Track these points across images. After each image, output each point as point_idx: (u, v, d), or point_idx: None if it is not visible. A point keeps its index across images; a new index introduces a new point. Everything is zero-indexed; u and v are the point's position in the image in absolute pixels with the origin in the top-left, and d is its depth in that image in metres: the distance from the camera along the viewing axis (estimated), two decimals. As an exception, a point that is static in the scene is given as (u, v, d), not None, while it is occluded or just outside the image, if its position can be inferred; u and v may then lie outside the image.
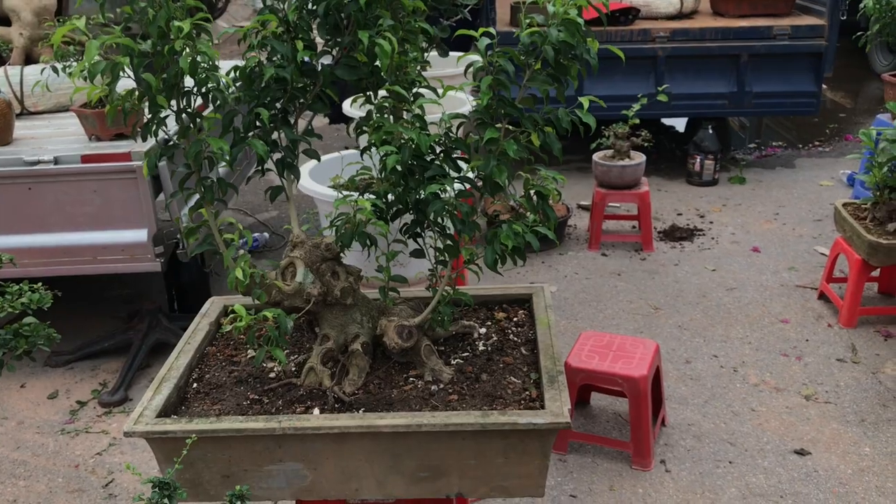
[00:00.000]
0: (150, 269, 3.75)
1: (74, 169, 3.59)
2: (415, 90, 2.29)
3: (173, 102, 1.96)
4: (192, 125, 1.97)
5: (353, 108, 4.03)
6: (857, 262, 3.99)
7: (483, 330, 2.44)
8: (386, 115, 2.24)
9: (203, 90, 1.90)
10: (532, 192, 2.19)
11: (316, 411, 2.07)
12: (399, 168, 2.08)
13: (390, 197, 2.18)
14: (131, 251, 3.71)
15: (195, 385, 2.25)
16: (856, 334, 4.03)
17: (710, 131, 6.04)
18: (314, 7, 2.11)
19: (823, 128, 7.56)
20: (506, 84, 2.07)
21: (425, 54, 3.16)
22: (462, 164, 2.21)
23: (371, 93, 2.28)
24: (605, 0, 2.09)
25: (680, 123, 7.64)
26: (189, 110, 1.95)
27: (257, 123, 2.07)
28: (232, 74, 2.09)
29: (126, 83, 1.89)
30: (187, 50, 1.82)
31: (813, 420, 3.41)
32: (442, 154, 2.18)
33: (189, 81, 1.94)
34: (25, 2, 4.37)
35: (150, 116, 1.91)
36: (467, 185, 2.18)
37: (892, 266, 4.13)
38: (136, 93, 1.88)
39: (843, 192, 5.91)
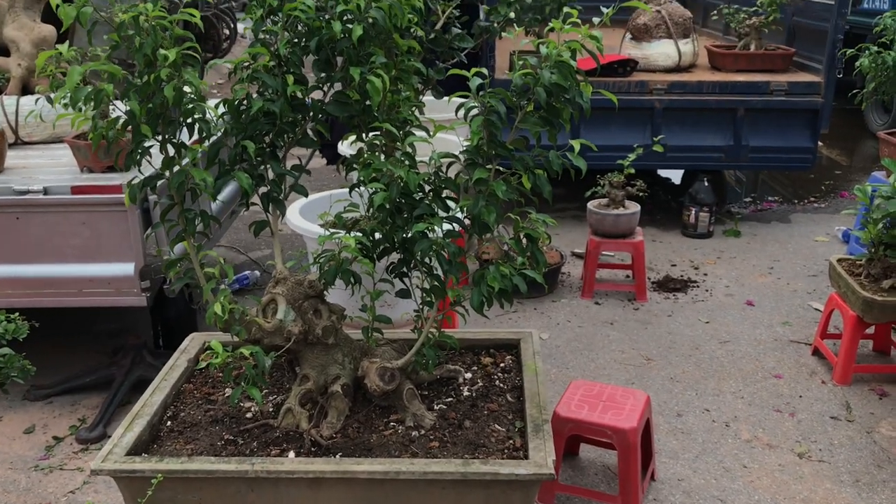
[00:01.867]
0: (135, 303, 3.68)
1: (64, 200, 3.55)
2: (406, 129, 2.27)
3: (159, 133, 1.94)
4: (176, 156, 1.94)
5: (346, 146, 4.01)
6: (851, 318, 3.94)
7: (469, 375, 2.39)
8: (377, 153, 2.22)
9: (189, 121, 1.87)
10: (522, 234, 2.16)
11: (291, 454, 2.00)
12: (387, 206, 2.05)
13: (377, 235, 2.15)
14: (117, 285, 3.65)
15: (169, 423, 2.18)
16: (850, 392, 3.96)
17: (706, 184, 6.03)
18: (306, 42, 2.10)
19: (819, 184, 7.58)
20: (497, 125, 2.05)
21: (420, 96, 3.15)
22: (452, 203, 2.18)
23: (362, 130, 2.26)
24: (599, 45, 2.08)
25: (676, 175, 7.65)
26: (174, 140, 1.92)
27: (244, 156, 2.04)
28: (221, 107, 2.07)
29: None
30: (174, 80, 1.79)
31: (806, 479, 3.33)
32: (431, 193, 2.15)
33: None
34: (25, 33, 4.38)
35: (133, 146, 1.87)
36: (456, 225, 2.15)
37: (887, 323, 4.08)
38: (120, 121, 1.85)
39: (838, 248, 5.89)
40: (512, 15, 3.21)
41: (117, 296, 3.67)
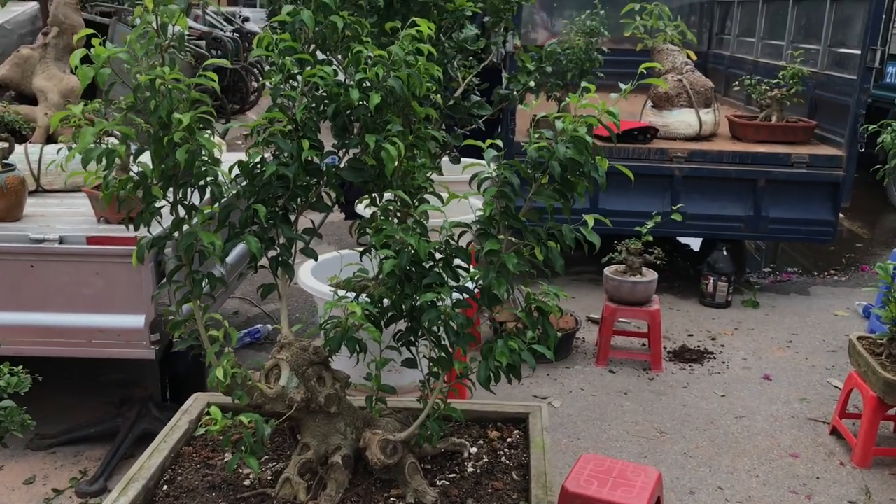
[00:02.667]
0: (144, 356, 3.66)
1: (79, 250, 3.56)
2: (420, 195, 2.25)
3: (171, 193, 1.94)
4: (187, 217, 1.93)
5: (362, 207, 4.01)
6: (871, 398, 3.84)
7: (474, 449, 2.33)
8: (390, 218, 2.20)
9: (201, 183, 1.87)
10: (533, 307, 2.12)
11: (287, 527, 1.95)
12: (396, 273, 2.02)
13: (385, 302, 2.12)
14: (127, 336, 3.64)
15: (165, 487, 2.14)
16: (869, 476, 3.84)
17: (725, 253, 5.98)
18: (324, 108, 2.10)
19: (840, 257, 7.49)
20: (510, 196, 2.03)
21: (438, 161, 3.15)
22: (463, 273, 2.15)
23: (376, 195, 2.25)
24: (616, 120, 2.06)
25: (695, 243, 7.60)
26: (184, 202, 1.92)
27: (255, 219, 2.03)
28: (235, 169, 2.06)
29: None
30: (188, 143, 1.79)
31: (823, 567, 3.20)
32: (442, 262, 2.12)
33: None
34: (54, 83, 4.46)
35: (144, 206, 1.87)
36: (465, 295, 2.11)
37: (909, 406, 3.98)
38: (132, 181, 1.85)
39: (858, 323, 5.78)
40: (532, 84, 3.22)
41: (126, 347, 3.65)
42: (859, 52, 5.71)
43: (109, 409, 4.14)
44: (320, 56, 2.24)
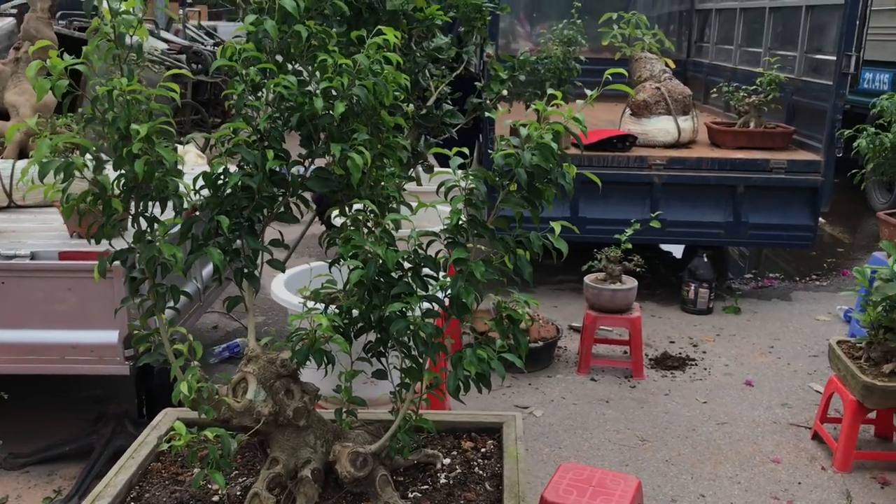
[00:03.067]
0: (118, 371, 3.61)
1: (51, 265, 3.51)
2: (390, 205, 2.23)
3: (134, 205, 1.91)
4: (148, 230, 1.90)
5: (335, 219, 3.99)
6: (851, 403, 3.84)
7: (447, 460, 2.30)
8: (360, 229, 2.18)
9: (162, 195, 1.84)
10: (503, 315, 2.10)
11: (254, 543, 1.91)
12: (365, 283, 2.00)
13: (354, 312, 2.09)
14: (101, 352, 3.59)
15: (132, 504, 2.10)
16: (851, 479, 3.83)
17: (706, 259, 5.99)
18: (288, 117, 2.08)
19: (821, 262, 7.52)
20: (477, 205, 2.01)
21: (411, 171, 3.13)
22: (432, 282, 2.13)
23: (345, 205, 2.22)
24: (582, 127, 2.05)
25: (677, 250, 7.62)
26: (146, 214, 1.89)
27: (219, 231, 2.01)
28: (200, 181, 2.04)
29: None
30: (147, 154, 1.77)
31: (804, 573, 3.19)
32: (410, 272, 2.10)
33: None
34: (25, 98, 4.42)
35: (104, 219, 1.84)
36: (435, 305, 2.09)
37: (889, 409, 3.98)
38: (91, 194, 1.82)
39: (839, 327, 5.79)
40: (505, 92, 3.21)
41: (100, 363, 3.60)
42: (835, 57, 5.75)
43: (84, 427, 4.08)
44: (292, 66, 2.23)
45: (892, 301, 3.69)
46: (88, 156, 1.98)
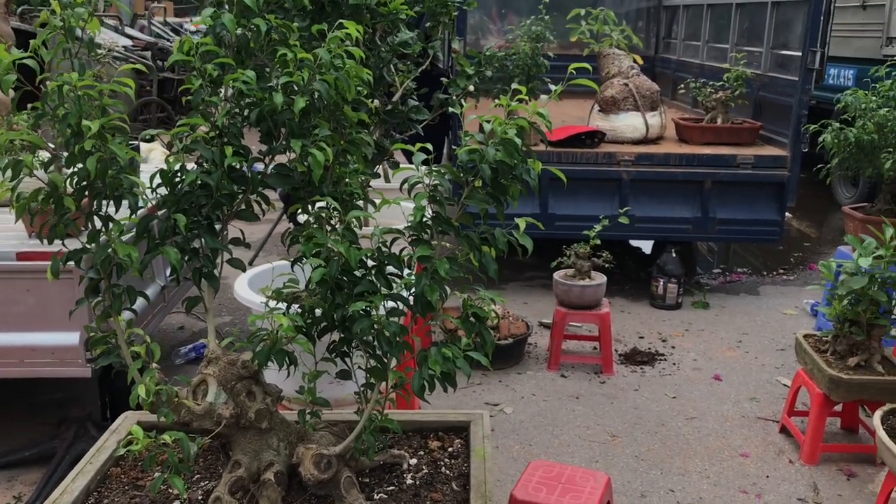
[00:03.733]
0: (79, 374, 3.54)
1: (8, 266, 3.43)
2: (353, 202, 2.20)
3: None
4: (103, 229, 1.85)
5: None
6: (818, 396, 3.87)
7: (414, 461, 2.27)
8: (323, 227, 2.14)
9: (116, 193, 1.79)
10: (469, 312, 2.07)
11: (215, 548, 1.87)
12: (327, 281, 1.96)
13: (317, 312, 2.05)
14: (61, 355, 3.51)
15: (90, 511, 2.04)
16: (818, 472, 3.86)
17: (674, 255, 6.01)
18: (247, 113, 2.04)
19: (788, 256, 7.59)
20: (441, 202, 1.98)
21: (378, 168, 3.09)
22: (396, 280, 2.10)
23: (309, 203, 2.18)
24: (546, 121, 2.03)
25: (647, 245, 7.65)
26: (100, 213, 1.83)
27: (176, 230, 1.96)
28: (157, 179, 1.99)
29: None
30: (100, 151, 1.71)
31: (772, 566, 3.20)
32: (374, 270, 2.07)
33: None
34: (-18, 96, 4.31)
35: (56, 219, 1.78)
36: (399, 304, 2.06)
37: (855, 402, 4.01)
38: (43, 193, 1.76)
39: (806, 321, 5.85)
40: (471, 88, 3.19)
41: (61, 366, 3.52)
42: (800, 53, 5.79)
43: (46, 431, 3.99)
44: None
45: (858, 295, 3.72)
46: (45, 153, 1.93)
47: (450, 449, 2.34)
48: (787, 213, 6.16)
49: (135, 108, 9.80)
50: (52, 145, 1.94)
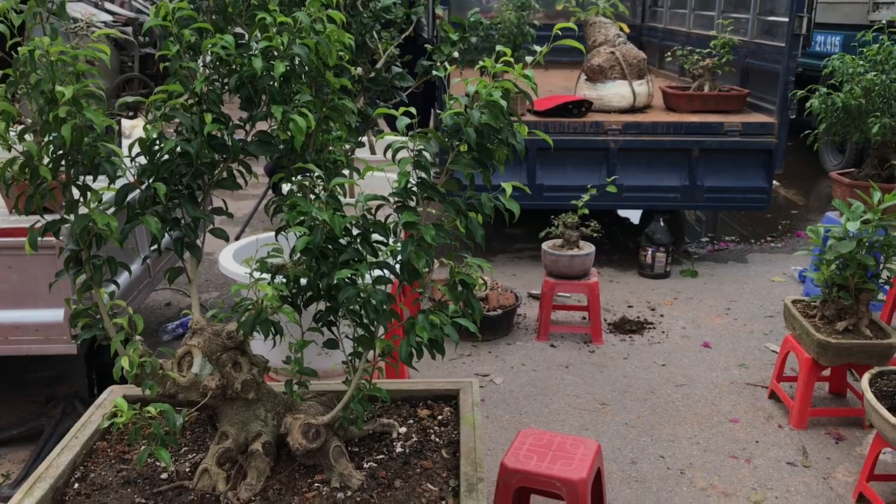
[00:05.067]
0: (65, 351, 3.51)
1: (-12, 243, 3.38)
2: (337, 169, 2.16)
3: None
4: (81, 199, 1.81)
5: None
6: (807, 361, 3.88)
7: (403, 429, 2.26)
8: (307, 195, 2.10)
9: (94, 161, 1.75)
10: (457, 280, 2.05)
11: (204, 520, 1.85)
12: (312, 249, 1.93)
13: (303, 281, 2.03)
14: (46, 332, 3.48)
15: (77, 485, 2.02)
16: (806, 436, 3.88)
17: (662, 224, 6.00)
18: (227, 79, 2.00)
19: (776, 223, 7.60)
20: (426, 167, 1.95)
21: (362, 136, 3.04)
22: (382, 248, 2.07)
23: (292, 170, 2.15)
24: (533, 86, 2.00)
25: (635, 215, 7.64)
26: (77, 183, 1.79)
27: (156, 200, 1.92)
28: (136, 148, 1.95)
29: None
30: (75, 119, 1.67)
31: (762, 529, 3.22)
32: (359, 237, 2.04)
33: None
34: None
35: (32, 189, 1.74)
36: (386, 271, 2.04)
37: (843, 366, 4.03)
38: (18, 162, 1.72)
39: (794, 288, 5.87)
40: (456, 55, 3.14)
41: (46, 343, 3.49)
42: (787, 19, 5.75)
43: (34, 409, 3.97)
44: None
45: (846, 259, 3.72)
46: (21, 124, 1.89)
47: (439, 417, 2.33)
48: (774, 181, 6.15)
49: (116, 84, 9.68)
50: (30, 121, 1.90)
